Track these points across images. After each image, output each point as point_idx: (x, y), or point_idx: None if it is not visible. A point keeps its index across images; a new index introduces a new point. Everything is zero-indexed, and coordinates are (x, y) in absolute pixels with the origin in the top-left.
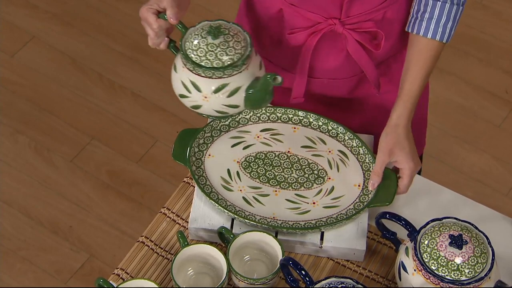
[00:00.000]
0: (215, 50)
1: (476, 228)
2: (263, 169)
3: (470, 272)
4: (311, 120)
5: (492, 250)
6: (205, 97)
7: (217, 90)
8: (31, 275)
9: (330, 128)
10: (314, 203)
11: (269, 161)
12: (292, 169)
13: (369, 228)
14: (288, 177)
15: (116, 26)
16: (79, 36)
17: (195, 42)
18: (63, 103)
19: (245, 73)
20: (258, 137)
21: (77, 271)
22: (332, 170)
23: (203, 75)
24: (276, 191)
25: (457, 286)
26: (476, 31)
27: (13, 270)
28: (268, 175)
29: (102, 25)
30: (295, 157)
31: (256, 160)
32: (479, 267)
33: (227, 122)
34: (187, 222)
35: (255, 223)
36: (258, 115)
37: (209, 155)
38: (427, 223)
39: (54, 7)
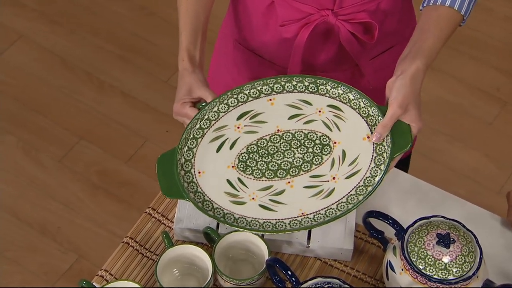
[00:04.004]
0: None
1: (464, 226)
2: (263, 163)
3: (457, 271)
4: (282, 83)
5: (480, 248)
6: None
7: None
8: (19, 276)
9: (306, 84)
10: (334, 178)
11: (264, 151)
12: (292, 149)
13: (356, 227)
14: (293, 160)
15: (106, 25)
16: (67, 35)
17: None
18: (51, 103)
19: None
20: (238, 127)
21: (65, 272)
22: (333, 132)
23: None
24: (289, 182)
25: (445, 286)
26: (467, 28)
27: (0, 271)
28: (271, 167)
29: (91, 24)
30: (288, 134)
31: (251, 155)
32: (466, 266)
33: (197, 126)
34: (173, 222)
35: (289, 230)
36: (225, 102)
37: (199, 172)
38: (415, 222)
39: (42, 5)
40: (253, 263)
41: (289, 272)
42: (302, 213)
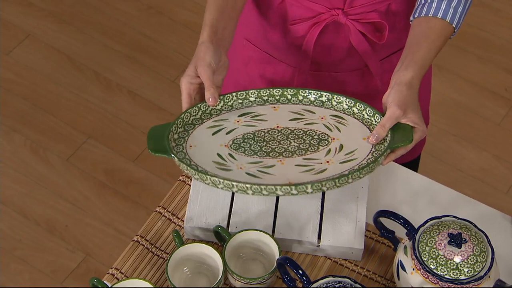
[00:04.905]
0: None
1: (476, 226)
2: (257, 146)
3: (469, 271)
4: (289, 97)
5: (492, 248)
6: None
7: None
8: (27, 275)
9: (312, 99)
10: (328, 162)
11: (260, 138)
12: (289, 139)
13: (367, 227)
14: (288, 147)
15: (113, 24)
16: (75, 34)
17: None
18: (59, 102)
19: None
20: (238, 121)
21: (73, 271)
22: (333, 132)
23: None
24: (280, 160)
25: (456, 285)
26: (475, 29)
27: (8, 270)
28: (265, 150)
29: (98, 23)
30: (287, 129)
31: (246, 140)
32: (478, 266)
33: (198, 115)
34: (183, 221)
35: (271, 185)
36: (230, 103)
37: (190, 146)
38: (426, 222)
39: (50, 4)
40: (264, 262)
41: (300, 271)
42: (289, 182)
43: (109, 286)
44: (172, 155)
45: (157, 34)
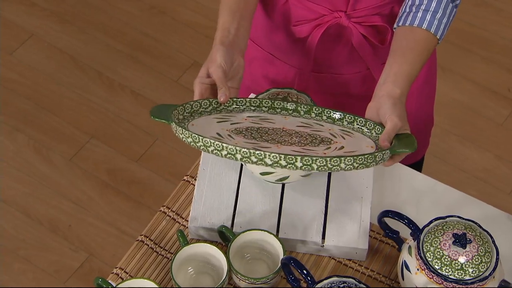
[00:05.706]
0: None
1: (480, 226)
2: (258, 135)
3: (474, 272)
4: (302, 112)
5: (497, 249)
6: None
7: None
8: (30, 274)
9: (325, 117)
10: (325, 153)
11: (263, 131)
12: (292, 136)
13: (371, 227)
14: (288, 140)
15: (115, 24)
16: (78, 34)
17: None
18: (62, 102)
19: None
20: (245, 119)
21: (76, 271)
22: (337, 138)
23: None
24: (277, 145)
25: (461, 286)
26: (478, 29)
27: (12, 269)
28: (265, 138)
29: (101, 23)
30: (292, 130)
31: (249, 130)
32: (483, 267)
33: (208, 110)
34: (187, 220)
35: (261, 155)
36: (242, 108)
37: (192, 124)
38: (430, 222)
39: (52, 4)
40: (268, 262)
41: (305, 271)
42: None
43: (114, 285)
44: (171, 121)
45: (159, 34)
